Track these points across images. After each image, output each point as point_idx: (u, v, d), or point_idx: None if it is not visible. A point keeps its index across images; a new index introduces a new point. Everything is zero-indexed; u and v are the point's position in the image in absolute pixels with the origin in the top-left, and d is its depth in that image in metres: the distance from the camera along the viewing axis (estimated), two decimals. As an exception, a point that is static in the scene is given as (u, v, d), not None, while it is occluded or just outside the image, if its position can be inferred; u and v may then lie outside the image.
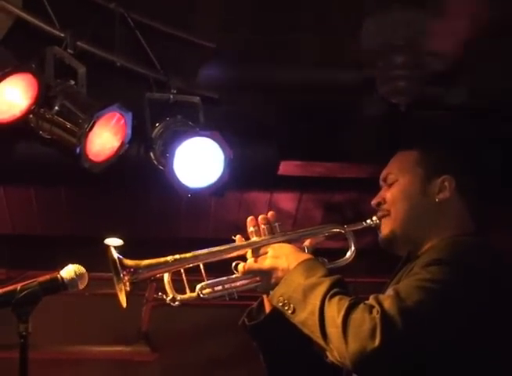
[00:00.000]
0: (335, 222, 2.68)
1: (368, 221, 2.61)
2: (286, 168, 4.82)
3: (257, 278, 2.51)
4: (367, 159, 2.57)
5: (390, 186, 2.61)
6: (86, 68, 3.83)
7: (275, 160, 4.71)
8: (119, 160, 3.92)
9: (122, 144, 3.90)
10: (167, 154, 3.99)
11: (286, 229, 2.57)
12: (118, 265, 2.42)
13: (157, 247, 3.46)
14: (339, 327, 2.22)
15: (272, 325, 2.51)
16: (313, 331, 2.29)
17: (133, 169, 4.33)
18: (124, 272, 2.42)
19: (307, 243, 2.57)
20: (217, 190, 4.16)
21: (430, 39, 4.10)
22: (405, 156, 2.65)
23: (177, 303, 2.51)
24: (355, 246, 2.61)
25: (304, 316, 2.31)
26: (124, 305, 2.43)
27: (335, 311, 2.24)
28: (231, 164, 4.06)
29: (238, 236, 2.56)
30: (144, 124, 4.08)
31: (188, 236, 5.65)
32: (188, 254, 2.51)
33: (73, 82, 3.79)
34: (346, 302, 2.25)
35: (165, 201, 5.39)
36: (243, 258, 2.53)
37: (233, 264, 2.52)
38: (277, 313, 2.42)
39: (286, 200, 5.56)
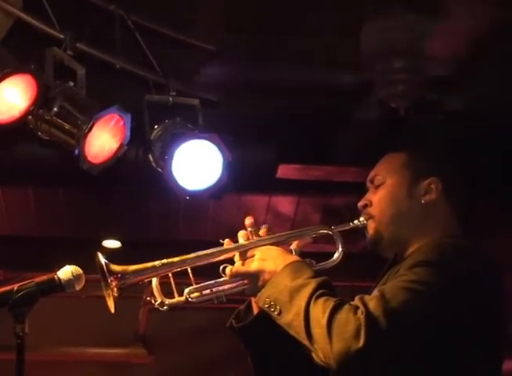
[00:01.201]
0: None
1: (355, 221, 2.61)
2: (285, 171, 4.81)
3: (245, 281, 2.50)
4: (366, 163, 2.56)
5: (377, 187, 2.61)
6: (85, 70, 3.83)
7: (274, 164, 4.71)
8: (117, 162, 3.92)
9: (121, 146, 3.90)
10: (165, 156, 3.99)
11: (274, 231, 2.56)
12: (105, 270, 2.42)
13: (155, 249, 3.46)
14: (324, 327, 2.22)
15: (260, 326, 2.50)
16: (298, 332, 2.29)
17: (131, 171, 4.33)
18: (112, 278, 2.41)
19: (294, 245, 2.57)
20: (215, 193, 4.16)
21: (430, 43, 4.09)
22: (392, 158, 2.65)
23: (165, 308, 2.50)
24: (342, 247, 2.59)
25: (290, 318, 2.31)
26: (113, 310, 2.42)
27: (320, 312, 2.24)
28: (229, 167, 4.06)
29: (226, 240, 2.55)
30: (143, 126, 4.09)
31: (186, 238, 5.64)
32: (175, 259, 2.50)
33: (72, 84, 3.79)
34: (331, 303, 2.24)
35: (163, 204, 5.39)
36: (231, 262, 2.52)
37: (221, 267, 2.52)
38: (265, 315, 2.42)
39: (285, 204, 5.56)
